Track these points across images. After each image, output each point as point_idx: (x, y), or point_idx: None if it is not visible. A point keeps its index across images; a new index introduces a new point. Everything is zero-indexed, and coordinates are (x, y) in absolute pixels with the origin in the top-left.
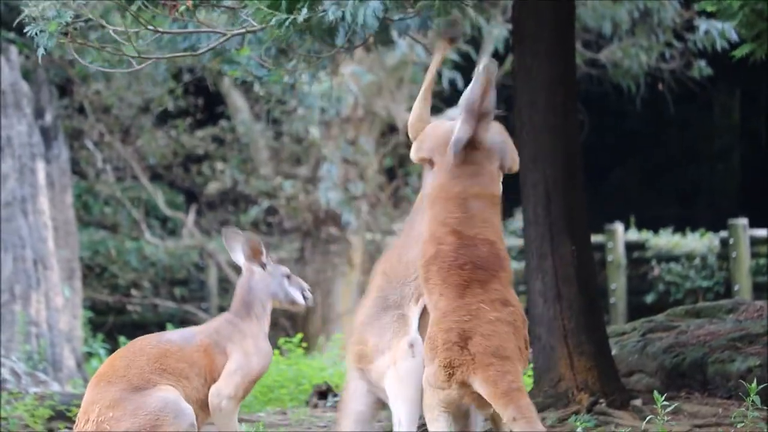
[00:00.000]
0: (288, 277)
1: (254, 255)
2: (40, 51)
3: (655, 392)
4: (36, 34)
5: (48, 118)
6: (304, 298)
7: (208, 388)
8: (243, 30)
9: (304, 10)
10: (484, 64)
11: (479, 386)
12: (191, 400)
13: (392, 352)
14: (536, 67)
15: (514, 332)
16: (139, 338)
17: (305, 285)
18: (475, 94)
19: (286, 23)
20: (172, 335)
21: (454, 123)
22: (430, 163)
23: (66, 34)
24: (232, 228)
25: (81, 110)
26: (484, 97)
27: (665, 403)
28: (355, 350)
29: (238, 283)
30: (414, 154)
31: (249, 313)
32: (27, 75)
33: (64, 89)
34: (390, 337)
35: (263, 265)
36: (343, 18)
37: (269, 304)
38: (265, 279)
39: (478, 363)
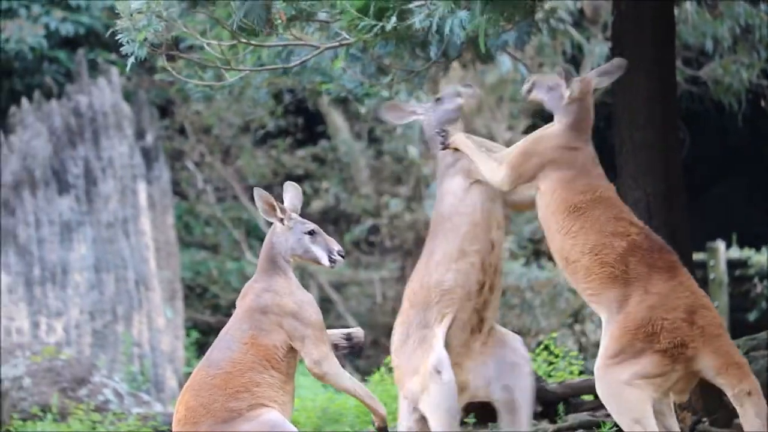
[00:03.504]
0: (311, 233)
1: (269, 210)
2: (131, 60)
3: None
4: (126, 43)
5: (149, 139)
6: (332, 259)
7: (282, 365)
8: (336, 44)
9: (393, 18)
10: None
11: (706, 359)
12: (275, 388)
13: (421, 377)
14: (636, 85)
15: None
16: (192, 376)
17: (336, 247)
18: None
19: (374, 30)
20: (217, 354)
21: (558, 134)
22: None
23: (160, 45)
24: (260, 189)
25: (181, 131)
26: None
27: None
28: (395, 374)
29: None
30: (509, 183)
31: (274, 268)
32: (128, 96)
33: (164, 110)
34: (416, 362)
35: (281, 220)
36: (430, 27)
37: (290, 258)
38: (284, 233)
39: (707, 335)
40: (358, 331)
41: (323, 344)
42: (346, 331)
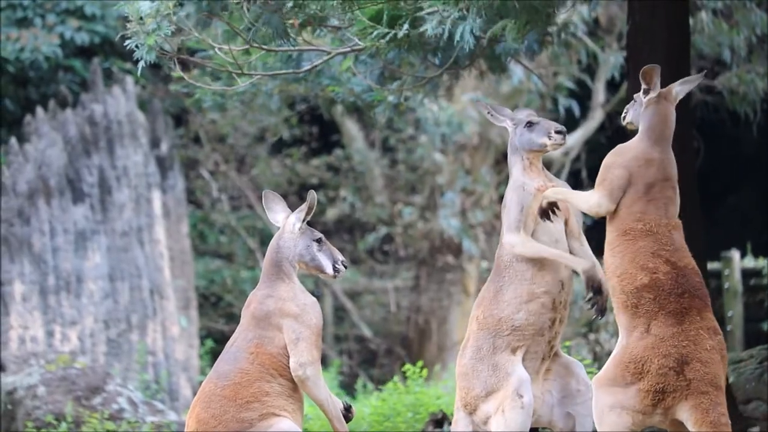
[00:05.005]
0: (318, 241)
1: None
2: (141, 64)
3: None
4: (136, 47)
5: (164, 147)
6: (336, 270)
7: (289, 372)
8: (348, 49)
9: (405, 26)
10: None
11: (687, 412)
12: (284, 397)
13: (498, 399)
14: None
15: (723, 362)
16: (201, 388)
17: (340, 257)
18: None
19: (386, 37)
20: (225, 366)
21: (635, 145)
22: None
23: (170, 50)
24: (271, 191)
25: (196, 140)
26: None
27: None
28: (461, 394)
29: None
30: (607, 202)
31: (279, 273)
32: (143, 105)
33: (179, 119)
34: (492, 385)
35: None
36: (442, 34)
37: (296, 263)
38: (293, 239)
39: (693, 389)
40: (354, 409)
41: (315, 349)
42: (347, 403)
